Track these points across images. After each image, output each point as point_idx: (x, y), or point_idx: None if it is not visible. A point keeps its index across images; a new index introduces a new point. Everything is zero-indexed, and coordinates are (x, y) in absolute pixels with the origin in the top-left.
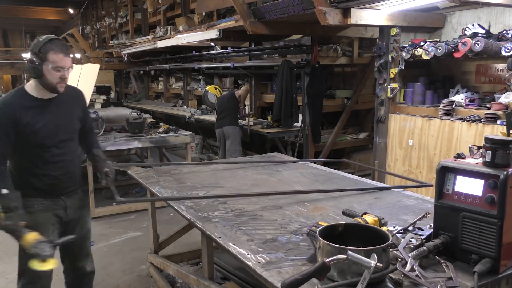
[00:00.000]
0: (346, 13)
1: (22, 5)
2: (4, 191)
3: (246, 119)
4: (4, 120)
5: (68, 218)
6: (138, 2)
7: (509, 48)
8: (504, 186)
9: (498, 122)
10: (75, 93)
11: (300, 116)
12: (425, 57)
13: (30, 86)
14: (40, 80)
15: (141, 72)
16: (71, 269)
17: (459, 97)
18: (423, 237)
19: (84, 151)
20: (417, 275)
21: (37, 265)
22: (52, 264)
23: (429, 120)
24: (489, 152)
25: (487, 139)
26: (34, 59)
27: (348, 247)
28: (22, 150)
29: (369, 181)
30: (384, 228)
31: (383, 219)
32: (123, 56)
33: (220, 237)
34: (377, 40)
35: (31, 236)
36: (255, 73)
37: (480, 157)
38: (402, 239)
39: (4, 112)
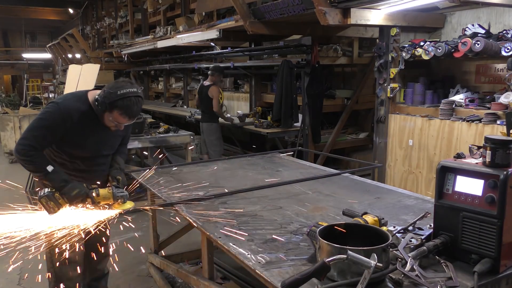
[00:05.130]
0: (346, 13)
1: (22, 5)
2: (50, 167)
3: (252, 119)
4: (58, 121)
5: None
6: (138, 2)
7: (509, 48)
8: (504, 186)
9: (498, 122)
10: None
11: (300, 116)
12: (425, 57)
13: (92, 96)
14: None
15: (141, 72)
16: (89, 271)
17: (459, 97)
18: (423, 237)
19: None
20: (417, 275)
21: (120, 207)
22: (131, 203)
23: (429, 120)
24: (489, 152)
25: (487, 139)
26: (100, 106)
27: (348, 247)
28: (63, 149)
29: (368, 181)
30: (384, 228)
31: (383, 219)
32: (123, 56)
33: (220, 237)
34: (377, 40)
35: (104, 190)
36: (255, 73)
37: (480, 157)
38: (402, 239)
39: (61, 114)
